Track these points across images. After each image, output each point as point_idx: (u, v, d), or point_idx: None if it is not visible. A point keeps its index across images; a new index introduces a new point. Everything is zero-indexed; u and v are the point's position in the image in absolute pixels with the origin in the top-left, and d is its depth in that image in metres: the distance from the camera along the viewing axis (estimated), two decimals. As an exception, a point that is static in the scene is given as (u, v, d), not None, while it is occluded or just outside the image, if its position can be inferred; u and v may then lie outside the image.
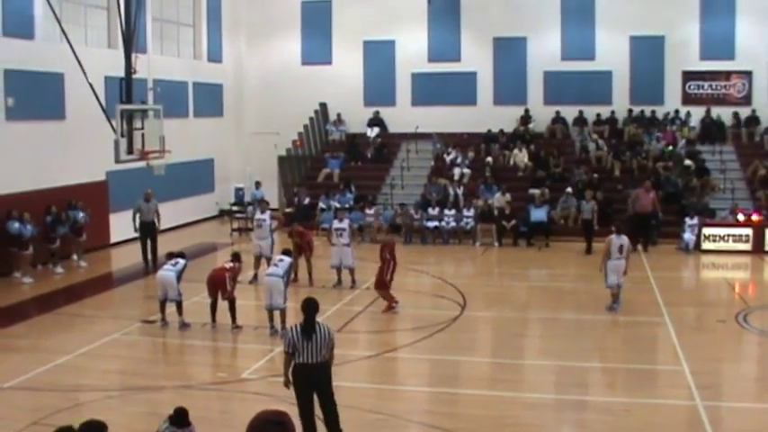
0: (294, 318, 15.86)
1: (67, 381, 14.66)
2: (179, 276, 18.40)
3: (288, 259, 17.90)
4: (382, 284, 20.02)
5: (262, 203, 25.63)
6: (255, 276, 23.12)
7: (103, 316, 19.69)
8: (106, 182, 28.60)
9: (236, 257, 18.93)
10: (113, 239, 29.33)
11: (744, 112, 35.06)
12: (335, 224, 23.15)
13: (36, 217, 24.40)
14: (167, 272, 18.40)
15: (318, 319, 11.49)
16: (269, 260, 22.72)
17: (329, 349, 11.27)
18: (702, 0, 35.41)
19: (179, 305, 18.33)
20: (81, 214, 26.01)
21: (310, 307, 11.46)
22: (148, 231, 25.88)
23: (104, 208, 28.65)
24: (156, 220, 26.09)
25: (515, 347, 17.75)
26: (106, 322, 18.91)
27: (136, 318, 19.09)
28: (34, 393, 13.94)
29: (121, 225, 29.17)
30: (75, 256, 26.12)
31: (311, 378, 11.20)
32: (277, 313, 17.49)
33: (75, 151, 27.01)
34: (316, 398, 11.30)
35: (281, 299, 17.37)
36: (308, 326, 11.22)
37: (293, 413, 10.57)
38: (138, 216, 25.68)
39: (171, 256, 19.06)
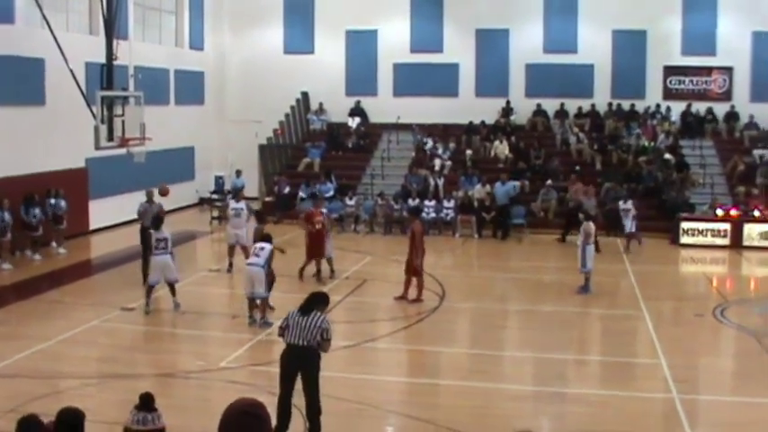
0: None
1: (46, 368, 14.62)
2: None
3: (269, 246, 17.74)
4: (410, 268, 19.94)
5: (238, 192, 25.52)
6: (231, 265, 23.07)
7: (83, 303, 19.57)
8: (86, 169, 28.44)
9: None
10: (93, 226, 29.20)
11: (724, 107, 35.27)
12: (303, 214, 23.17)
13: (14, 203, 24.26)
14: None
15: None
16: (245, 248, 22.65)
17: (321, 338, 11.30)
18: (684, -5, 35.61)
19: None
20: (62, 203, 25.88)
21: (315, 295, 11.97)
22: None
23: (84, 195, 28.50)
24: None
25: (494, 339, 17.82)
26: (86, 309, 18.80)
27: (116, 305, 18.96)
28: (12, 380, 13.86)
29: (101, 212, 29.20)
30: (54, 244, 25.93)
31: (295, 360, 11.30)
32: (258, 303, 17.49)
33: (55, 137, 26.78)
34: (300, 386, 11.39)
35: (262, 288, 17.38)
36: (306, 307, 11.46)
37: (271, 402, 10.61)
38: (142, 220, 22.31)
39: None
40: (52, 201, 25.70)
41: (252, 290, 17.44)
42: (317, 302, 11.63)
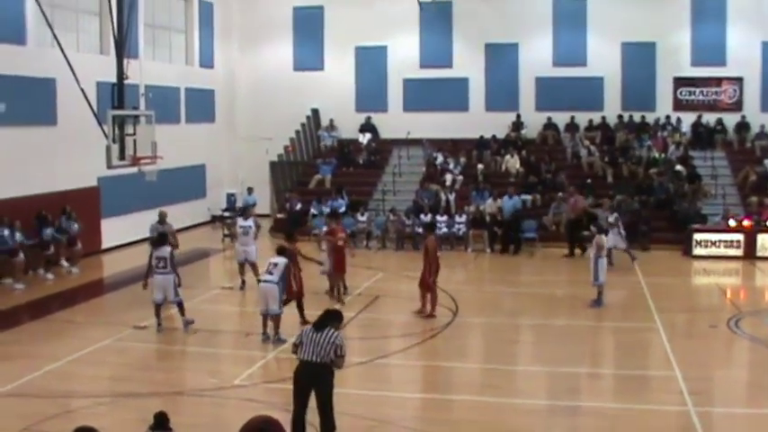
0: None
1: (58, 387, 14.62)
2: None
3: (282, 262, 17.68)
4: (424, 284, 19.95)
5: (246, 210, 25.55)
6: (243, 282, 23.13)
7: (95, 322, 19.62)
8: (98, 187, 28.54)
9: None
10: (105, 245, 29.29)
11: (735, 117, 35.20)
12: (326, 230, 23.13)
13: (27, 223, 24.36)
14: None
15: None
16: (253, 265, 22.76)
17: (335, 355, 11.25)
18: (694, 7, 35.55)
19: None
20: (75, 225, 25.99)
21: (330, 312, 11.94)
22: None
23: (96, 214, 28.61)
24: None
25: (507, 353, 17.78)
26: (98, 328, 18.83)
27: (128, 324, 18.97)
28: (25, 400, 13.86)
29: (113, 231, 29.26)
30: (65, 263, 25.96)
31: (309, 377, 11.27)
32: (272, 319, 17.50)
33: (67, 157, 26.92)
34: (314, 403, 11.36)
35: (276, 305, 17.38)
36: (320, 323, 11.44)
37: (285, 420, 10.58)
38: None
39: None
40: (68, 223, 25.82)
41: (266, 306, 17.45)
42: (331, 319, 11.61)
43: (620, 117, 36.05)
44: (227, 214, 34.18)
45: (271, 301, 17.37)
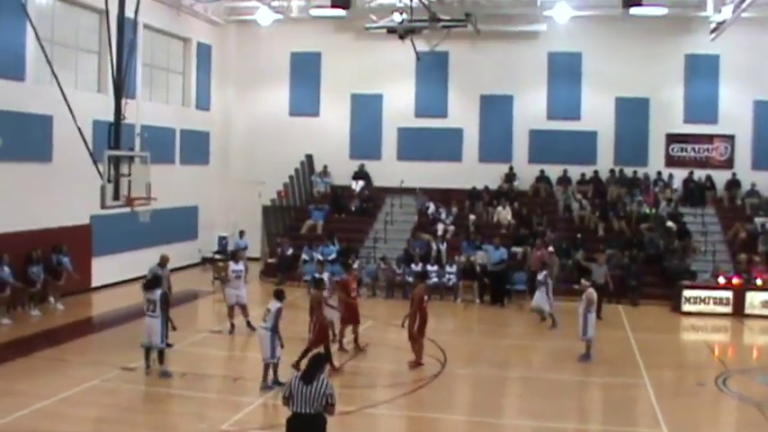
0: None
1: (46, 427, 14.56)
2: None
3: (275, 307, 17.57)
4: (410, 336, 19.93)
5: (236, 254, 25.57)
6: (233, 326, 23.13)
7: (83, 361, 19.52)
8: (90, 225, 28.55)
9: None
10: (95, 284, 29.24)
11: (726, 175, 35.50)
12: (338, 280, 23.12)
13: (18, 259, 24.33)
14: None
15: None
16: (244, 307, 22.89)
17: (326, 404, 11.19)
18: (687, 64, 35.98)
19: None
20: (66, 259, 25.99)
21: (315, 358, 11.74)
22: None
23: (87, 252, 28.59)
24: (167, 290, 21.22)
25: (495, 406, 17.73)
26: (86, 368, 18.74)
27: (117, 364, 18.90)
28: (11, 439, 13.81)
29: (104, 269, 29.22)
30: (51, 299, 25.95)
31: (304, 428, 11.16)
32: (270, 366, 17.46)
33: (61, 194, 26.99)
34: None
35: (269, 352, 17.31)
36: (307, 375, 11.27)
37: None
38: None
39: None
40: (59, 257, 25.82)
41: (263, 354, 17.43)
42: (316, 367, 11.50)
43: (612, 171, 36.29)
44: (218, 257, 34.15)
45: (263, 348, 17.36)
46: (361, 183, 37.84)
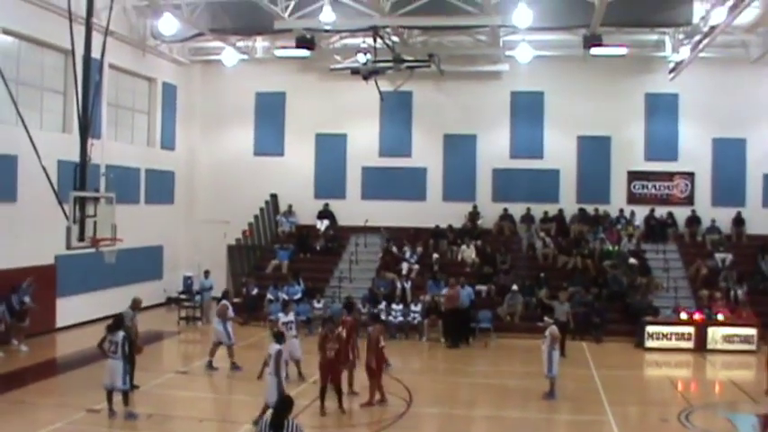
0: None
1: (9, 470, 14.45)
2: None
3: (276, 348, 17.51)
4: (369, 371, 19.96)
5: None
6: (210, 363, 23.20)
7: (48, 404, 19.37)
8: (54, 266, 28.41)
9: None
10: (59, 324, 29.04)
11: (686, 211, 36.09)
12: (283, 318, 23.12)
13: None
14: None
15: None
16: (230, 347, 23.45)
17: None
18: (647, 103, 36.66)
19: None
20: (27, 298, 25.79)
21: (282, 403, 11.55)
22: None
23: (51, 292, 28.43)
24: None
25: (461, 444, 17.79)
26: (51, 410, 18.59)
27: (81, 406, 18.74)
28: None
29: (68, 310, 29.05)
30: (15, 341, 25.74)
31: None
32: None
33: (25, 234, 26.87)
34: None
35: (274, 397, 17.05)
36: (276, 421, 11.15)
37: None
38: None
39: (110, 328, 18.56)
40: (19, 296, 25.63)
41: (265, 398, 17.27)
42: (283, 412, 11.39)
43: (577, 209, 36.69)
44: (183, 296, 34.02)
45: (268, 393, 17.12)
46: (325, 222, 37.94)
